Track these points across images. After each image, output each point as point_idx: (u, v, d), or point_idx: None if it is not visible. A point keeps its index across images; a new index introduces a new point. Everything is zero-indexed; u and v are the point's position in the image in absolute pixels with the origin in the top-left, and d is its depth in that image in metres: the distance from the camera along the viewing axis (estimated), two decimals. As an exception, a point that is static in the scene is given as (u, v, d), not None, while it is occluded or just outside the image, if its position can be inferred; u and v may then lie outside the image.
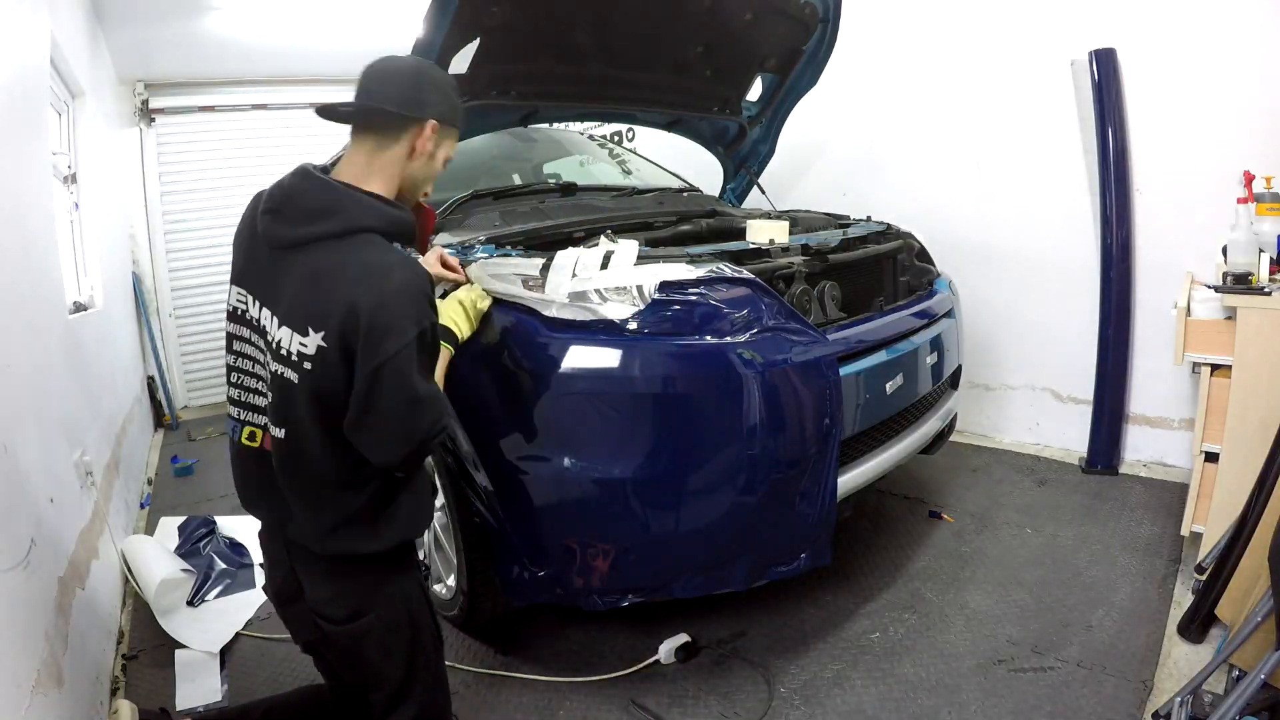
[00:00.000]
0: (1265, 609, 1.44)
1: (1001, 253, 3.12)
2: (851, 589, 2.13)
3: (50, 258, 2.27)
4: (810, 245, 1.93)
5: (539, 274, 1.67)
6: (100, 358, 2.99)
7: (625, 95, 2.76)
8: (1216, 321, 2.04)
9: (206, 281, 4.83)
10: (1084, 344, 2.89)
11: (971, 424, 3.26)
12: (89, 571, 1.90)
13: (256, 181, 1.29)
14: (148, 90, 4.50)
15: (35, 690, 1.25)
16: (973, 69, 3.10)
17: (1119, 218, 2.70)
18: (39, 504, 1.57)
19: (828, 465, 1.65)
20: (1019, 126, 3.00)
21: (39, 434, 1.69)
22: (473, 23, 1.99)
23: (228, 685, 1.91)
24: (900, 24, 3.31)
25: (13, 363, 1.57)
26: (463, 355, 1.77)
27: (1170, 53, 2.56)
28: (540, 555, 1.70)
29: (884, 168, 3.46)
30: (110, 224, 3.82)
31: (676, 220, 2.41)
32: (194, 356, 4.88)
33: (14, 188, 1.88)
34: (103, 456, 2.50)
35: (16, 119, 2.01)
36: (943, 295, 2.30)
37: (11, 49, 1.96)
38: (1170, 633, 1.84)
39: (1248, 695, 1.35)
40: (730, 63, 2.77)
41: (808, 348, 1.64)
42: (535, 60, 2.31)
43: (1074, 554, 2.25)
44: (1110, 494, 2.64)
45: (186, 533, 2.69)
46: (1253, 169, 2.14)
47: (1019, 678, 1.73)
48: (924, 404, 2.14)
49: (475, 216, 2.37)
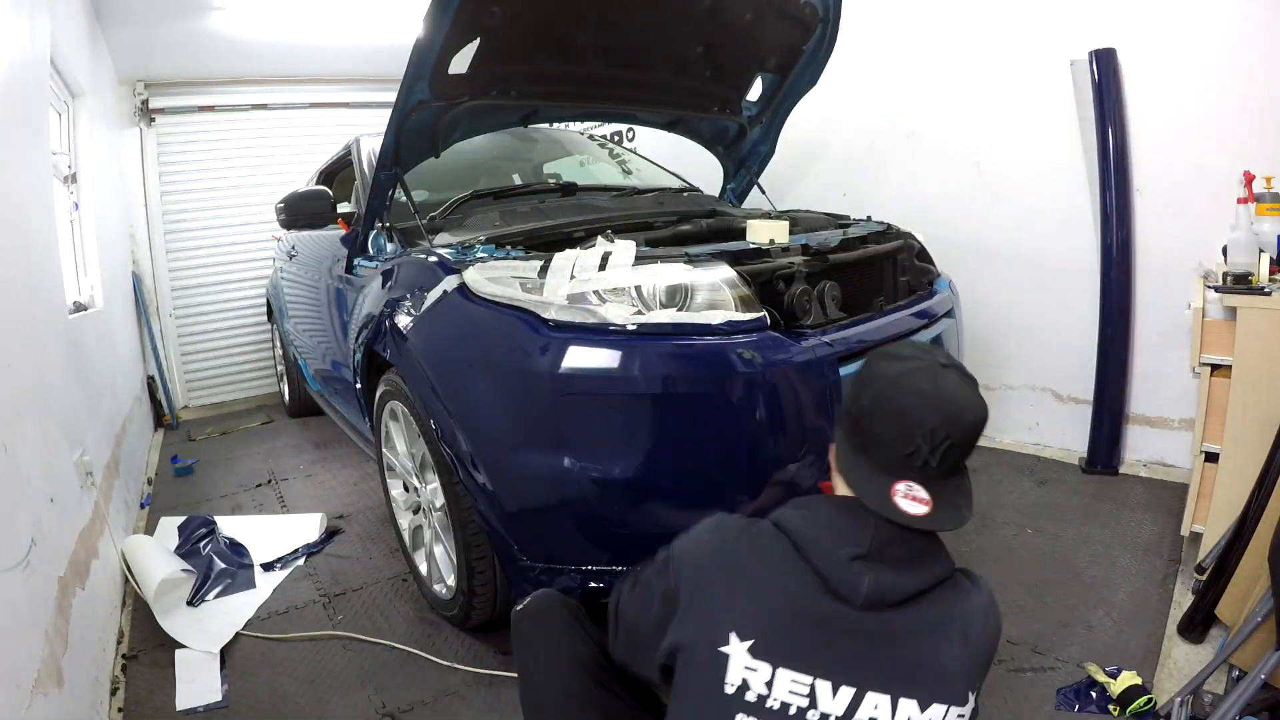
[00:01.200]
0: (1265, 609, 1.44)
1: (1001, 252, 3.12)
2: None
3: (50, 258, 2.27)
4: (810, 245, 1.93)
5: (537, 276, 1.67)
6: (100, 358, 2.99)
7: (625, 95, 2.76)
8: (1216, 321, 2.04)
9: (207, 281, 4.84)
10: (1084, 344, 2.89)
11: (971, 424, 3.25)
12: (89, 571, 1.90)
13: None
14: (148, 90, 4.50)
15: (35, 690, 1.25)
16: (973, 69, 3.10)
17: (1119, 217, 2.70)
18: (39, 504, 1.57)
19: (828, 465, 1.65)
20: (1019, 126, 3.00)
21: (39, 434, 1.69)
22: (473, 23, 1.99)
23: (228, 685, 1.91)
24: (900, 24, 3.31)
25: (13, 363, 1.57)
26: (464, 355, 1.78)
27: (1170, 53, 2.56)
28: (540, 555, 1.70)
29: (884, 168, 3.46)
30: (110, 224, 3.82)
31: (676, 220, 2.41)
32: (194, 356, 4.88)
33: (14, 188, 1.88)
34: (103, 456, 2.50)
35: (16, 119, 2.01)
36: (943, 295, 2.29)
37: (11, 49, 1.95)
38: (1170, 633, 1.84)
39: (1248, 695, 1.35)
40: (730, 63, 2.77)
41: (808, 348, 1.64)
42: (535, 60, 2.31)
43: (1074, 554, 2.24)
44: (1110, 494, 2.64)
45: (186, 533, 2.69)
46: (1253, 169, 2.14)
47: (1019, 678, 1.73)
48: (924, 404, 2.13)
49: (475, 216, 2.38)
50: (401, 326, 1.93)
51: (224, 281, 4.88)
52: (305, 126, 4.93)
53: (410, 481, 2.18)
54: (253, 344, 5.00)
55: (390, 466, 2.30)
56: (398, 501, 2.30)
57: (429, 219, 2.33)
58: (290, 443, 4.06)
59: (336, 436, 3.90)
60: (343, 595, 2.33)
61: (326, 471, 3.52)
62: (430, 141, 2.30)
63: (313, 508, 3.01)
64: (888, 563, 0.88)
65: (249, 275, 4.88)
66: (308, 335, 3.46)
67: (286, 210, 2.58)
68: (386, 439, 2.26)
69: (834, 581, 0.88)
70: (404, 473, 2.21)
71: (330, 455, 3.75)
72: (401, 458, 2.20)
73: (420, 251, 2.11)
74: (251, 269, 4.86)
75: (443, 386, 1.78)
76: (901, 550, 0.89)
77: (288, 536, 2.70)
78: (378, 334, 2.09)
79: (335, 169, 3.33)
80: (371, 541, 2.70)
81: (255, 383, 5.06)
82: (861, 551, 0.88)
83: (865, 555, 0.88)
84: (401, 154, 2.21)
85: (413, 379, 1.90)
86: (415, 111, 2.12)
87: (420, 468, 2.08)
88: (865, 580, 0.86)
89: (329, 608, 2.26)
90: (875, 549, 0.88)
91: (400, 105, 2.05)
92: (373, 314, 2.15)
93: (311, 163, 3.96)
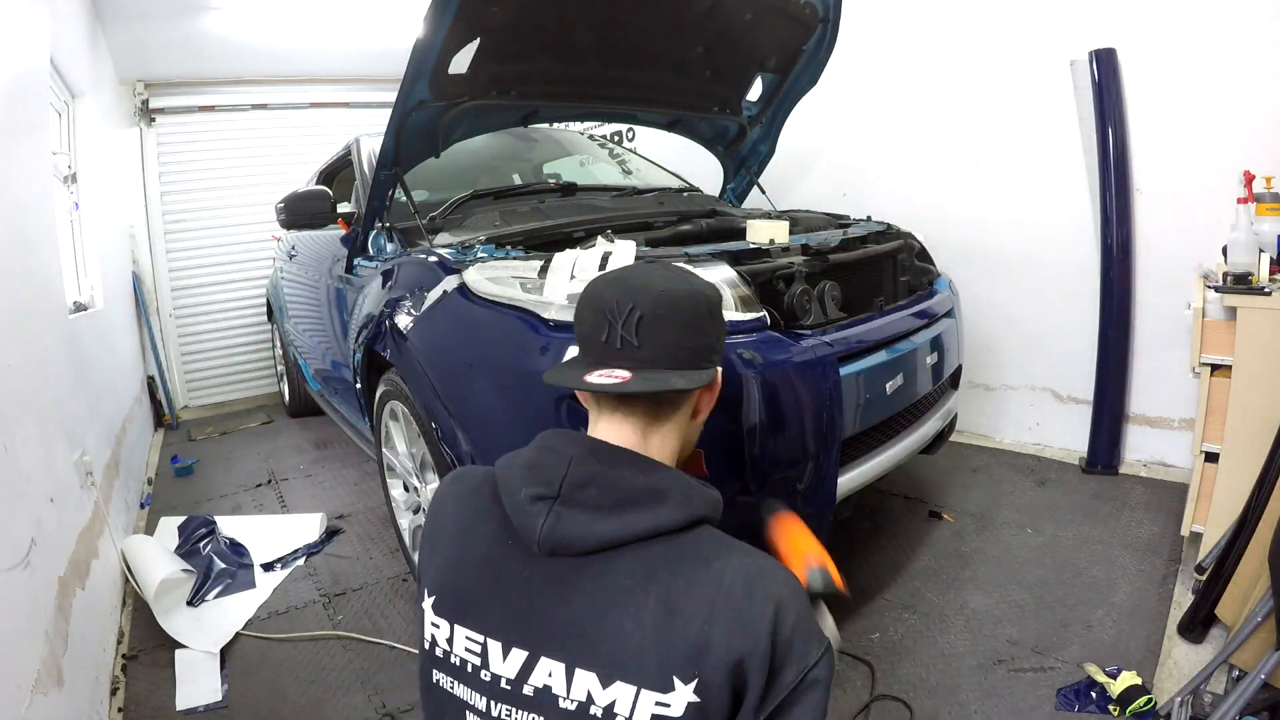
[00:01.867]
0: (1265, 609, 1.44)
1: (1002, 252, 3.11)
2: (851, 589, 2.13)
3: (50, 258, 2.27)
4: (810, 245, 1.93)
5: (537, 276, 1.67)
6: (100, 358, 3.00)
7: (625, 95, 2.76)
8: (1216, 321, 2.04)
9: (206, 281, 4.84)
10: (1084, 344, 2.89)
11: (971, 424, 3.26)
12: (89, 571, 1.90)
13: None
14: (148, 90, 4.50)
15: (35, 690, 1.25)
16: (972, 69, 3.10)
17: (1119, 218, 2.70)
18: (39, 504, 1.57)
19: (828, 465, 1.65)
20: (1019, 126, 3.00)
21: (39, 434, 1.69)
22: (473, 23, 1.99)
23: (228, 685, 1.91)
24: (900, 24, 3.31)
25: (13, 363, 1.57)
26: (464, 355, 1.78)
27: (1170, 53, 2.56)
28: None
29: (884, 168, 3.45)
30: (110, 224, 3.82)
31: (676, 220, 2.41)
32: (194, 356, 4.88)
33: (14, 188, 1.88)
34: (103, 456, 2.50)
35: (17, 119, 2.01)
36: (943, 295, 2.30)
37: (11, 49, 1.96)
38: (1170, 633, 1.84)
39: (1248, 695, 1.35)
40: (730, 63, 2.77)
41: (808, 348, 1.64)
42: (535, 60, 2.31)
43: (1074, 554, 2.24)
44: (1110, 494, 2.64)
45: (186, 533, 2.69)
46: (1253, 169, 2.13)
47: (1019, 678, 1.73)
48: (924, 404, 2.14)
49: (475, 216, 2.38)
50: (401, 326, 1.93)
51: (224, 281, 4.88)
52: (305, 126, 4.93)
53: (410, 481, 2.18)
54: (253, 344, 5.00)
55: (390, 466, 2.30)
56: (398, 501, 2.30)
57: (429, 219, 2.33)
58: (290, 443, 4.06)
59: (336, 436, 3.90)
60: (343, 595, 2.33)
61: (326, 471, 3.52)
62: (430, 141, 2.30)
63: (313, 508, 3.01)
64: (580, 506, 0.79)
65: (249, 275, 4.88)
66: (308, 335, 3.46)
67: (286, 210, 2.58)
68: (386, 439, 2.26)
69: (516, 523, 0.81)
70: (404, 473, 2.21)
71: (330, 455, 3.75)
72: (401, 458, 2.20)
73: (420, 251, 2.11)
74: (251, 269, 4.86)
75: (443, 386, 1.78)
76: (601, 493, 0.79)
77: (288, 536, 2.70)
78: (378, 334, 2.09)
79: (335, 169, 3.33)
80: (371, 541, 2.70)
81: (255, 383, 5.07)
82: (549, 492, 0.79)
83: (554, 496, 0.79)
84: (401, 154, 2.21)
85: (413, 379, 1.90)
86: (415, 111, 2.12)
87: (420, 468, 2.08)
88: (540, 522, 0.78)
89: (329, 608, 2.26)
90: (567, 490, 0.79)
91: (400, 105, 2.05)
92: (373, 314, 2.15)
93: (311, 163, 3.96)
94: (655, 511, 0.79)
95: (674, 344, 0.88)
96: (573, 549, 0.78)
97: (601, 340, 0.88)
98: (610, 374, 0.85)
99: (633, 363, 0.86)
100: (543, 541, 0.78)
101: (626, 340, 0.86)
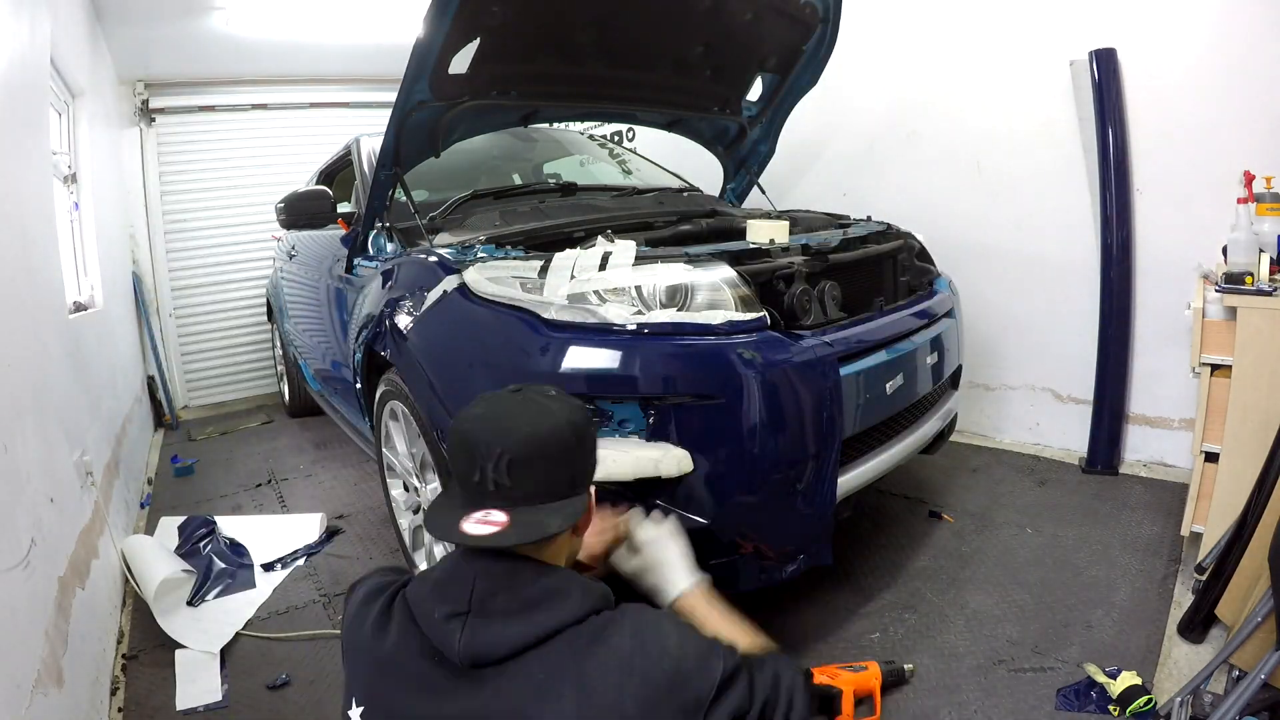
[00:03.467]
0: (1265, 609, 1.44)
1: (1001, 252, 3.11)
2: (851, 589, 2.13)
3: (50, 258, 2.27)
4: (810, 245, 1.93)
5: (537, 275, 1.67)
6: (100, 358, 2.99)
7: (625, 95, 2.76)
8: (1216, 321, 2.04)
9: (206, 281, 4.84)
10: (1084, 344, 2.89)
11: (971, 424, 3.26)
12: (89, 571, 1.90)
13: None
14: (148, 90, 4.50)
15: (35, 690, 1.25)
16: (973, 69, 3.10)
17: (1119, 217, 2.70)
18: (39, 504, 1.57)
19: (828, 465, 1.65)
20: (1019, 126, 3.00)
21: (39, 434, 1.69)
22: (473, 23, 1.99)
23: (228, 685, 1.91)
24: (900, 24, 3.31)
25: (13, 363, 1.57)
26: (464, 355, 1.78)
27: (1170, 53, 2.56)
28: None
29: (884, 168, 3.45)
30: (110, 224, 3.82)
31: (676, 220, 2.41)
32: (194, 356, 4.88)
33: (14, 188, 1.88)
34: (103, 456, 2.50)
35: (16, 119, 2.01)
36: (943, 295, 2.30)
37: (11, 49, 1.96)
38: (1170, 633, 1.84)
39: (1248, 695, 1.35)
40: (730, 63, 2.77)
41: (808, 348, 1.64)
42: (535, 60, 2.31)
43: (1074, 554, 2.24)
44: (1110, 494, 2.64)
45: (186, 533, 2.69)
46: (1253, 169, 2.14)
47: (1019, 678, 1.73)
48: (924, 404, 2.14)
49: (475, 216, 2.38)
50: (401, 326, 1.93)
51: (224, 281, 4.88)
52: (305, 126, 4.93)
53: (410, 481, 2.18)
54: (253, 344, 5.00)
55: (390, 466, 2.30)
56: (398, 502, 2.30)
57: (429, 219, 2.33)
58: (290, 443, 4.06)
59: (336, 436, 3.90)
60: (343, 595, 2.32)
61: (326, 471, 3.52)
62: (430, 141, 2.30)
63: (313, 508, 3.01)
64: (491, 615, 0.85)
65: (249, 275, 4.88)
66: (308, 335, 3.46)
67: (286, 210, 2.58)
68: (386, 439, 2.26)
69: (436, 642, 0.87)
70: (404, 473, 2.21)
71: (330, 455, 3.75)
72: (401, 458, 2.20)
73: (420, 251, 2.11)
74: (251, 269, 4.86)
75: (443, 386, 1.78)
76: (508, 601, 0.87)
77: (288, 536, 2.70)
78: (378, 334, 2.09)
79: (335, 169, 3.33)
80: (371, 541, 2.70)
81: (255, 383, 5.07)
82: (459, 609, 0.86)
83: (465, 611, 0.86)
84: (401, 154, 2.21)
85: (413, 379, 1.90)
86: (415, 111, 2.12)
87: (420, 468, 2.08)
88: (457, 638, 0.84)
89: (329, 608, 2.26)
90: (477, 603, 0.86)
91: (400, 105, 2.05)
92: (373, 314, 2.15)
93: (311, 163, 3.96)
94: (560, 608, 0.87)
95: (544, 480, 0.93)
96: (492, 656, 0.84)
97: (475, 481, 0.92)
98: (486, 517, 0.90)
99: (506, 502, 0.91)
100: (463, 654, 0.84)
101: (499, 483, 0.91)
